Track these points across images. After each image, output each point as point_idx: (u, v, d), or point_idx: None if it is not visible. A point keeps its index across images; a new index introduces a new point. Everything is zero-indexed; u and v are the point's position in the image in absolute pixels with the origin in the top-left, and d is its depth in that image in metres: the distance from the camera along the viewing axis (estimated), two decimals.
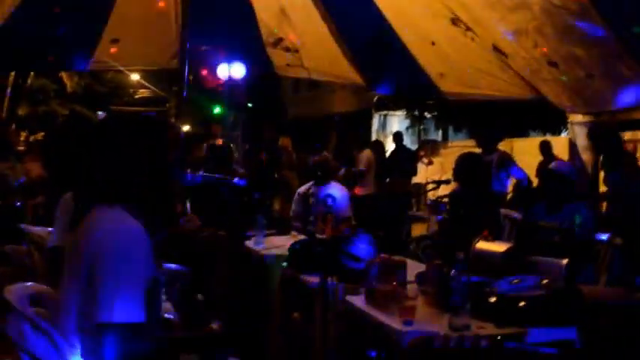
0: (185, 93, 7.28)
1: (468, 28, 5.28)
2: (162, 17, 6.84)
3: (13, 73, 14.18)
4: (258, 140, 11.14)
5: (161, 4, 6.67)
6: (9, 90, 15.22)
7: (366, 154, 9.78)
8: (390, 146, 15.02)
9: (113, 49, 6.93)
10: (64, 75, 15.95)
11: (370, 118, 20.50)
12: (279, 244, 5.14)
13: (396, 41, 5.92)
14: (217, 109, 11.11)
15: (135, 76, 16.04)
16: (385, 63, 6.53)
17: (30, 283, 2.30)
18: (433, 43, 5.69)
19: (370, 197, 9.64)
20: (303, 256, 4.27)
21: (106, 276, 1.90)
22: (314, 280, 3.76)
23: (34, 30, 6.15)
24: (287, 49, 7.05)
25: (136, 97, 18.43)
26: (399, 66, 6.38)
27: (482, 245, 3.77)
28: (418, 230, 9.09)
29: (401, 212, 8.96)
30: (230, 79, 8.00)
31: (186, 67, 6.90)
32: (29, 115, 16.43)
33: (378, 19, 5.78)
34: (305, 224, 6.39)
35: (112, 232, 1.98)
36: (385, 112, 20.48)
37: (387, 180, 10.45)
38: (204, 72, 7.71)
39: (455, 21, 5.24)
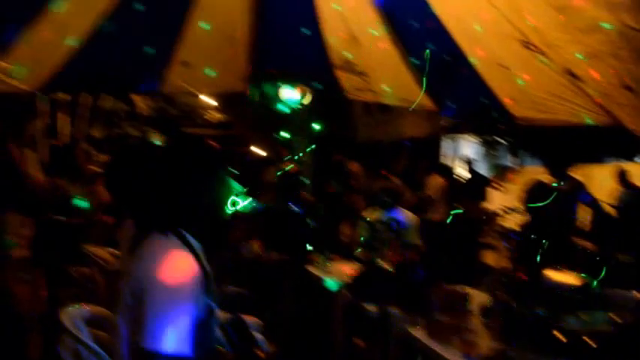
0: (253, 115, 7.42)
1: (540, 52, 5.17)
2: (231, 41, 7.01)
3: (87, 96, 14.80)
4: (327, 165, 11.16)
5: (233, 30, 6.84)
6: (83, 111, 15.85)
7: (436, 179, 9.63)
8: (460, 171, 14.80)
9: (183, 72, 7.10)
10: (136, 97, 16.50)
11: (440, 143, 20.32)
12: (341, 270, 5.13)
13: (465, 65, 5.87)
14: (284, 133, 11.18)
15: (206, 99, 16.36)
16: (455, 87, 6.46)
17: (88, 306, 2.34)
18: (504, 67, 5.59)
19: (441, 224, 9.50)
20: (364, 283, 4.23)
21: (155, 305, 1.89)
22: (375, 308, 3.73)
23: (105, 52, 6.40)
24: (356, 73, 7.10)
25: (205, 120, 18.84)
26: (469, 90, 6.30)
27: (552, 275, 3.64)
28: (489, 259, 8.83)
29: (471, 239, 8.62)
30: (297, 102, 8.06)
31: (256, 90, 7.04)
32: (104, 138, 17.03)
33: (448, 42, 5.75)
34: (370, 250, 6.36)
35: (163, 262, 1.97)
36: (455, 136, 20.27)
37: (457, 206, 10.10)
38: (273, 95, 7.79)
39: (526, 44, 5.13)
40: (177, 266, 1.97)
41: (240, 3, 6.63)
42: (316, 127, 8.60)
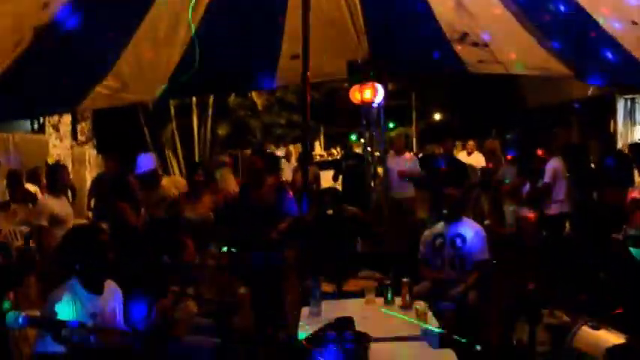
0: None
1: None
2: (334, 25, 7.22)
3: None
4: None
5: (333, 12, 7.03)
6: (210, 110, 16.87)
7: (553, 163, 8.87)
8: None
9: (295, 65, 7.37)
10: (253, 94, 17.32)
11: (615, 105, 19.20)
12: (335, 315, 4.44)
13: (592, 25, 5.65)
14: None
15: None
16: (588, 50, 6.22)
17: None
18: (634, 23, 5.33)
19: (559, 217, 8.80)
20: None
21: None
22: None
23: (220, 53, 6.85)
24: (475, 44, 7.02)
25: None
26: (603, 52, 6.04)
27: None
28: None
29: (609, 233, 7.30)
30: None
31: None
32: (229, 135, 18.05)
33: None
34: (434, 268, 6.28)
35: None
36: (633, 97, 19.05)
37: (595, 193, 9.02)
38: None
39: None
40: None
41: None
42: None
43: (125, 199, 6.94)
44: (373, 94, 7.74)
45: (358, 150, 15.93)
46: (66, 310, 3.53)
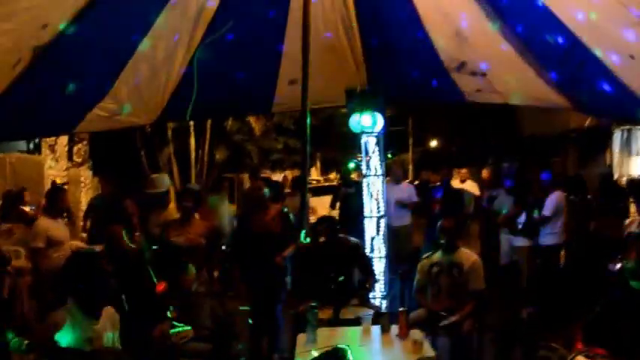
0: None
1: None
2: (333, 52, 7.28)
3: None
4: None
5: (329, 37, 7.08)
6: (208, 134, 16.97)
7: (555, 196, 8.89)
8: (636, 170, 13.94)
9: (293, 90, 7.42)
10: (251, 119, 17.46)
11: (611, 135, 19.29)
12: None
13: (590, 58, 5.69)
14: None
15: None
16: (586, 82, 6.26)
17: None
18: (632, 57, 5.38)
19: (555, 248, 8.90)
20: None
21: None
22: None
23: (218, 77, 6.90)
24: (473, 74, 7.07)
25: None
26: (600, 85, 6.08)
27: None
28: None
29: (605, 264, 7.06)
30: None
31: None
32: (227, 158, 18.17)
33: (566, 32, 5.61)
34: (431, 296, 6.30)
35: None
36: (630, 128, 19.14)
37: (592, 224, 8.94)
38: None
39: None
40: None
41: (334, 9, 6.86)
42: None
43: (120, 222, 6.94)
44: (373, 123, 7.79)
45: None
46: (65, 335, 3.52)
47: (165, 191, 7.70)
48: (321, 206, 12.80)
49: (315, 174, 33.85)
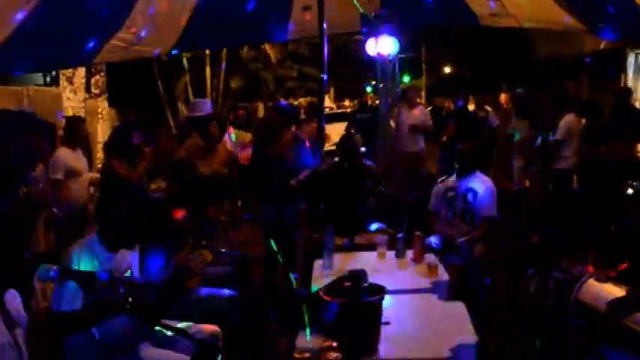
0: None
1: None
2: None
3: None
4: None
5: None
6: (224, 64, 16.75)
7: (567, 119, 8.86)
8: None
9: (307, 16, 7.28)
10: (266, 46, 17.13)
11: (625, 59, 18.84)
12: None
13: None
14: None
15: None
16: (600, 4, 6.09)
17: None
18: None
19: (567, 172, 8.86)
20: None
21: None
22: None
23: (232, 5, 6.76)
24: None
25: None
26: (614, 6, 5.91)
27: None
28: None
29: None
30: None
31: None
32: (242, 87, 17.98)
33: None
34: (445, 220, 6.29)
35: None
36: None
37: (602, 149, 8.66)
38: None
39: None
40: None
41: None
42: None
43: (120, 154, 6.86)
44: (389, 46, 7.65)
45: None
46: (86, 265, 3.52)
47: (205, 115, 7.57)
48: (335, 133, 12.70)
49: (328, 102, 33.62)
